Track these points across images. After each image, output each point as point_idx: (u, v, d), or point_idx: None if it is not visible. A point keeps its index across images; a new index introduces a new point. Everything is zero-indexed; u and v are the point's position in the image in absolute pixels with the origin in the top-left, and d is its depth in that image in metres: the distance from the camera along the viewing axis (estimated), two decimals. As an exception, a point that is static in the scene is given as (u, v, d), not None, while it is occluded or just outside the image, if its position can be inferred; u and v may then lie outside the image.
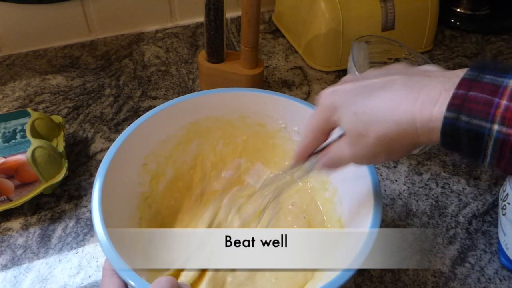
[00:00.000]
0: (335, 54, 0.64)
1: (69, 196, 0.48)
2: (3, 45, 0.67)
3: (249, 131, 0.47)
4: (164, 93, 0.61)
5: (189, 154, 0.46)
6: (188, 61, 0.67)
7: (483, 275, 0.42)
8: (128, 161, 0.40)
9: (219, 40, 0.56)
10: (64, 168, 0.47)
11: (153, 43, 0.71)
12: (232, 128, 0.47)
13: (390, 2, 0.63)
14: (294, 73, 0.66)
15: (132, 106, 0.59)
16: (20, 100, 0.59)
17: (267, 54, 0.69)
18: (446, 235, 0.45)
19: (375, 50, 0.53)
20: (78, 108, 0.59)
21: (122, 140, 0.39)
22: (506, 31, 0.76)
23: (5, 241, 0.44)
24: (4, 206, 0.44)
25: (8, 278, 0.41)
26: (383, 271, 0.42)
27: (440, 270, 0.42)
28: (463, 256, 0.44)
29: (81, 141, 0.54)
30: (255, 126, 0.46)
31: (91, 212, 0.33)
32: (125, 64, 0.66)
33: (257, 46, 0.55)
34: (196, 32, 0.74)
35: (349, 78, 0.32)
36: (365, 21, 0.63)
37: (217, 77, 0.59)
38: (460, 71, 0.25)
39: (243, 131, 0.47)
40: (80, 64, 0.66)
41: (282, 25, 0.74)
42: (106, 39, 0.71)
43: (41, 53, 0.68)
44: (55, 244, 0.43)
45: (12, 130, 0.46)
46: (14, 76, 0.63)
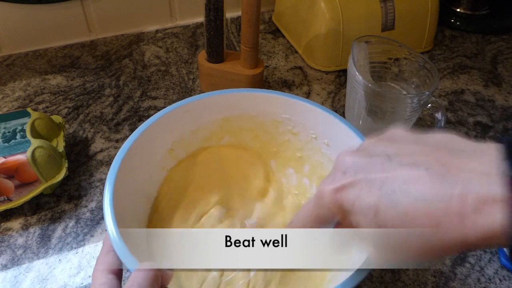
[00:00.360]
0: (335, 54, 0.64)
1: (69, 196, 0.48)
2: (3, 45, 0.67)
3: (281, 139, 0.47)
4: (164, 93, 0.61)
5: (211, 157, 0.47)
6: (188, 61, 0.67)
7: (483, 275, 0.42)
8: (151, 149, 0.41)
9: (219, 40, 0.56)
10: (64, 168, 0.47)
11: (153, 43, 0.71)
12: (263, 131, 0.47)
13: (390, 2, 0.63)
14: (294, 73, 0.66)
15: (132, 106, 0.59)
16: (20, 100, 0.60)
17: (267, 54, 0.69)
18: (446, 235, 0.45)
19: (375, 50, 0.53)
20: (78, 108, 0.59)
21: (146, 127, 0.40)
22: (506, 31, 0.76)
23: (5, 241, 0.44)
24: (4, 206, 0.44)
25: (8, 278, 0.41)
26: (383, 271, 0.42)
27: (440, 270, 0.42)
28: (463, 256, 0.44)
29: (81, 141, 0.54)
30: (286, 133, 0.47)
31: (103, 210, 0.34)
32: (125, 64, 0.66)
33: (257, 46, 0.55)
34: (196, 32, 0.74)
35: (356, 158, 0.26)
36: (365, 21, 0.63)
37: (217, 77, 0.59)
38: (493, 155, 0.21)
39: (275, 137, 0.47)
40: (80, 64, 0.66)
41: (282, 25, 0.74)
42: (106, 39, 0.71)
43: (41, 53, 0.68)
44: (55, 244, 0.43)
45: (12, 130, 0.46)
46: (14, 76, 0.63)
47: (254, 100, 0.45)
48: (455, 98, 0.62)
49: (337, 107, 0.60)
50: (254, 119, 0.47)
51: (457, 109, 0.61)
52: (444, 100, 0.62)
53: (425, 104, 0.48)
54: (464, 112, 0.60)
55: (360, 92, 0.49)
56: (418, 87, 0.52)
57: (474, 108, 0.61)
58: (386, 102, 0.48)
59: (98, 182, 0.49)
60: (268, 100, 0.45)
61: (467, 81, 0.65)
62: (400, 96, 0.51)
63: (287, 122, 0.46)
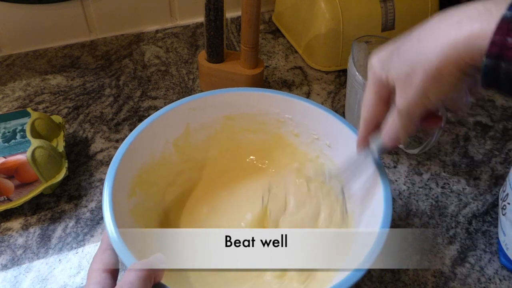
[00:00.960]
0: (335, 54, 0.64)
1: (69, 196, 0.48)
2: (3, 45, 0.67)
3: (284, 141, 0.47)
4: (164, 93, 0.61)
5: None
6: (188, 61, 0.67)
7: (483, 275, 0.42)
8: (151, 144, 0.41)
9: (219, 40, 0.56)
10: (64, 168, 0.47)
11: (153, 43, 0.71)
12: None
13: (390, 2, 0.63)
14: (294, 73, 0.66)
15: (132, 106, 0.59)
16: (20, 100, 0.60)
17: (267, 54, 0.69)
18: (446, 235, 0.45)
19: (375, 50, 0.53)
20: (78, 108, 0.59)
21: (145, 126, 0.40)
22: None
23: (5, 241, 0.44)
24: (4, 206, 0.44)
25: (8, 278, 0.41)
26: (383, 271, 0.42)
27: (440, 270, 0.42)
28: (463, 256, 0.44)
29: (81, 141, 0.54)
30: (288, 134, 0.47)
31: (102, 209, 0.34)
32: (125, 64, 0.66)
33: (257, 46, 0.55)
34: (196, 32, 0.74)
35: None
36: (365, 21, 0.63)
37: (217, 77, 0.59)
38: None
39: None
40: (80, 64, 0.66)
41: (282, 25, 0.74)
42: (106, 39, 0.71)
43: (41, 53, 0.68)
44: (55, 244, 0.43)
45: (12, 130, 0.46)
46: (14, 76, 0.63)
47: (257, 99, 0.45)
48: (455, 98, 0.62)
49: (337, 107, 0.60)
50: (255, 118, 0.46)
51: (457, 109, 0.61)
52: (444, 100, 0.62)
53: (425, 104, 0.48)
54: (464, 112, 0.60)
55: (360, 92, 0.49)
56: (418, 87, 0.52)
57: (474, 108, 0.61)
58: (386, 102, 0.48)
59: (98, 182, 0.49)
60: (271, 99, 0.45)
61: (467, 81, 0.65)
62: (400, 96, 0.51)
63: (289, 122, 0.46)
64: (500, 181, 0.51)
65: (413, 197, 0.49)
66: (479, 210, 0.48)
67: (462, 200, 0.49)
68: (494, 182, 0.51)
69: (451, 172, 0.52)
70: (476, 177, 0.52)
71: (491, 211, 0.48)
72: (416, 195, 0.49)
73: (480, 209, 0.48)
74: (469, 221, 0.47)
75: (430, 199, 0.49)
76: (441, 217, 0.47)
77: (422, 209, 0.48)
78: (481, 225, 0.46)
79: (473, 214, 0.48)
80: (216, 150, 0.48)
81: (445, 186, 0.50)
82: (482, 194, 0.50)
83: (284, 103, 0.45)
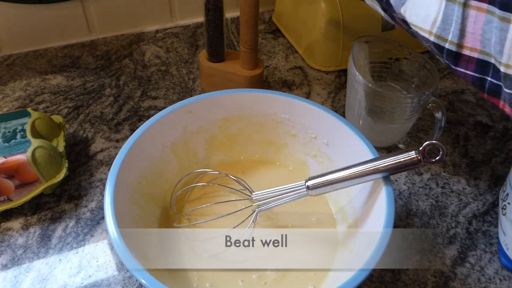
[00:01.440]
0: (335, 54, 0.64)
1: (69, 196, 0.48)
2: (3, 45, 0.67)
3: (280, 141, 0.48)
4: (164, 93, 0.61)
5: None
6: (188, 61, 0.67)
7: (483, 275, 0.42)
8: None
9: (219, 40, 0.56)
10: (64, 168, 0.47)
11: (153, 43, 0.71)
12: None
13: (390, 2, 0.63)
14: (294, 73, 0.66)
15: (132, 106, 0.59)
16: (20, 100, 0.60)
17: (267, 54, 0.69)
18: (446, 235, 0.45)
19: (375, 50, 0.53)
20: (78, 108, 0.59)
21: (147, 127, 0.41)
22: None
23: (5, 241, 0.44)
24: (4, 206, 0.44)
25: (8, 278, 0.41)
26: (383, 271, 0.42)
27: (440, 270, 0.42)
28: (463, 256, 0.44)
29: (81, 141, 0.54)
30: (285, 134, 0.47)
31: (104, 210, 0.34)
32: (125, 64, 0.66)
33: (256, 47, 0.55)
34: (196, 32, 0.74)
35: None
36: (365, 21, 0.63)
37: (217, 77, 0.59)
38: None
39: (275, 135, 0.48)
40: (80, 64, 0.66)
41: (282, 25, 0.74)
42: (106, 39, 0.71)
43: (41, 53, 0.68)
44: (55, 244, 0.43)
45: (12, 130, 0.46)
46: (14, 76, 0.63)
47: (254, 100, 0.45)
48: (455, 98, 0.62)
49: (337, 107, 0.60)
50: (253, 119, 0.47)
51: (457, 109, 0.61)
52: (444, 100, 0.62)
53: (425, 104, 0.48)
54: (464, 112, 0.60)
55: (360, 92, 0.49)
56: (418, 87, 0.52)
57: (474, 108, 0.61)
58: (386, 102, 0.48)
59: (98, 182, 0.49)
60: (267, 100, 0.45)
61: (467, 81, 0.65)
62: (400, 96, 0.51)
63: (287, 122, 0.46)
64: (500, 181, 0.51)
65: (413, 197, 0.49)
66: (479, 210, 0.48)
67: (462, 200, 0.49)
68: (494, 182, 0.51)
69: (451, 172, 0.52)
70: (476, 177, 0.52)
71: (491, 211, 0.48)
72: (416, 195, 0.49)
73: (480, 209, 0.48)
74: (469, 221, 0.47)
75: (430, 199, 0.49)
76: (441, 217, 0.47)
77: (422, 209, 0.48)
78: (481, 225, 0.46)
79: (473, 214, 0.48)
80: (215, 151, 0.48)
81: (445, 186, 0.50)
82: (482, 194, 0.50)
83: (279, 103, 0.45)
